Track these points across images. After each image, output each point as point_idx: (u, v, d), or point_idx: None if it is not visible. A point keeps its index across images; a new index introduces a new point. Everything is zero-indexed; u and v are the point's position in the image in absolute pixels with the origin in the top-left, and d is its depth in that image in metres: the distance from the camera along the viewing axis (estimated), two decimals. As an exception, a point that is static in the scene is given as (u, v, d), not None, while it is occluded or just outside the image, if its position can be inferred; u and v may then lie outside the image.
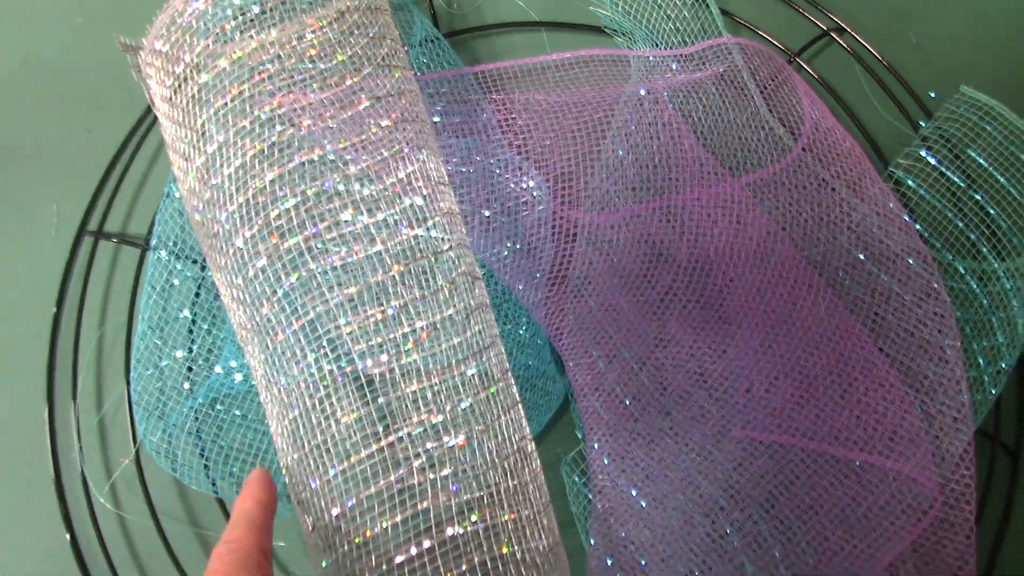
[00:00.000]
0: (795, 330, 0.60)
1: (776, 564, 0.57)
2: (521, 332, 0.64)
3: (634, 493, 0.60)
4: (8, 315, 0.67)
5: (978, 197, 0.64)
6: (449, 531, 0.44)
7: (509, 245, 0.62)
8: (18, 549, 0.63)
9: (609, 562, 0.59)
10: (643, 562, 0.59)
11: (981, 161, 0.64)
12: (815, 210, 0.63)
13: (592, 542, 0.60)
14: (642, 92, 0.66)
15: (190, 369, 0.63)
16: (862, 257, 0.62)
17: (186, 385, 0.63)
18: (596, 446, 0.61)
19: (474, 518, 0.45)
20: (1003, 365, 0.60)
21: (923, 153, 0.65)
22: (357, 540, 0.44)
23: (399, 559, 0.44)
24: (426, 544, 0.44)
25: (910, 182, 0.65)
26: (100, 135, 0.69)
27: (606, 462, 0.61)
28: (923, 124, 0.67)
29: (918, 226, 0.63)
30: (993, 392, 0.60)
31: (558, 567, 0.48)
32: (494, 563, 0.45)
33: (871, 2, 0.73)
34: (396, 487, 0.45)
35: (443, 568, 0.44)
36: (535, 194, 0.63)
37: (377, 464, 0.44)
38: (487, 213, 0.63)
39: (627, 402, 0.62)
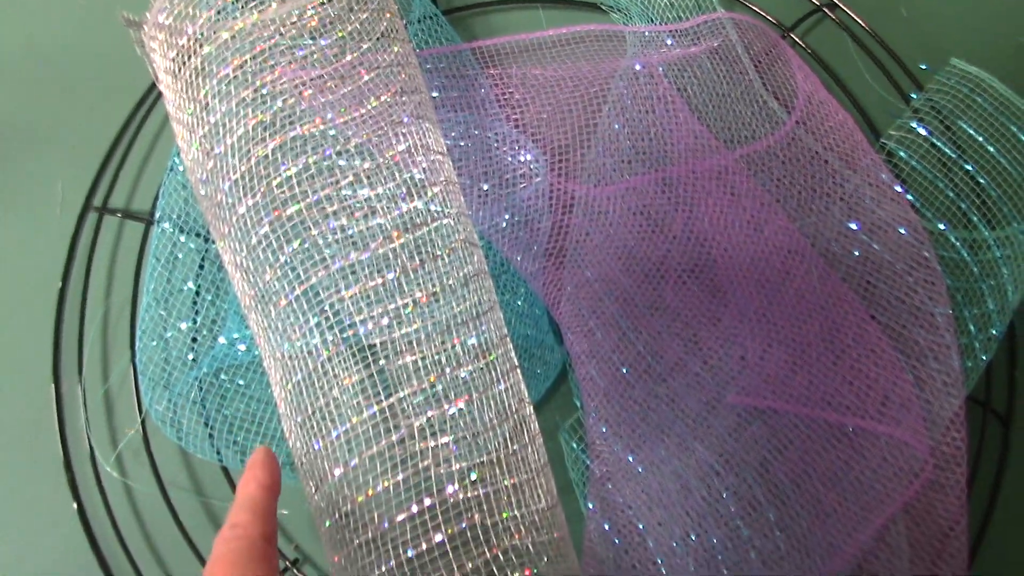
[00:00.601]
0: (788, 298, 0.61)
1: (771, 527, 0.58)
2: (519, 303, 0.65)
3: (631, 459, 0.61)
4: (15, 290, 0.68)
5: (969, 167, 0.65)
6: (450, 489, 0.45)
7: (507, 217, 0.63)
8: (25, 518, 0.64)
9: (606, 526, 0.60)
10: (640, 526, 0.60)
11: (971, 132, 0.65)
12: (808, 181, 0.64)
13: (590, 507, 0.61)
14: (637, 67, 0.66)
15: (194, 340, 0.64)
16: (854, 227, 0.63)
17: (190, 356, 0.64)
18: (594, 413, 0.62)
19: (474, 477, 0.46)
20: (993, 332, 0.61)
21: (914, 125, 0.66)
22: (360, 499, 0.45)
23: (400, 517, 0.45)
24: (427, 502, 0.45)
25: (902, 153, 0.66)
26: (104, 112, 0.70)
27: (603, 430, 0.61)
28: (914, 96, 0.68)
29: (910, 196, 0.64)
30: (984, 358, 0.61)
31: (557, 528, 0.49)
32: (495, 525, 0.46)
33: (863, -23, 0.74)
34: (398, 448, 0.46)
35: (444, 526, 0.45)
36: (532, 167, 0.64)
37: (379, 424, 0.45)
38: (485, 187, 0.63)
39: (624, 370, 0.62)
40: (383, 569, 0.44)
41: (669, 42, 0.68)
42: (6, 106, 0.72)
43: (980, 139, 0.65)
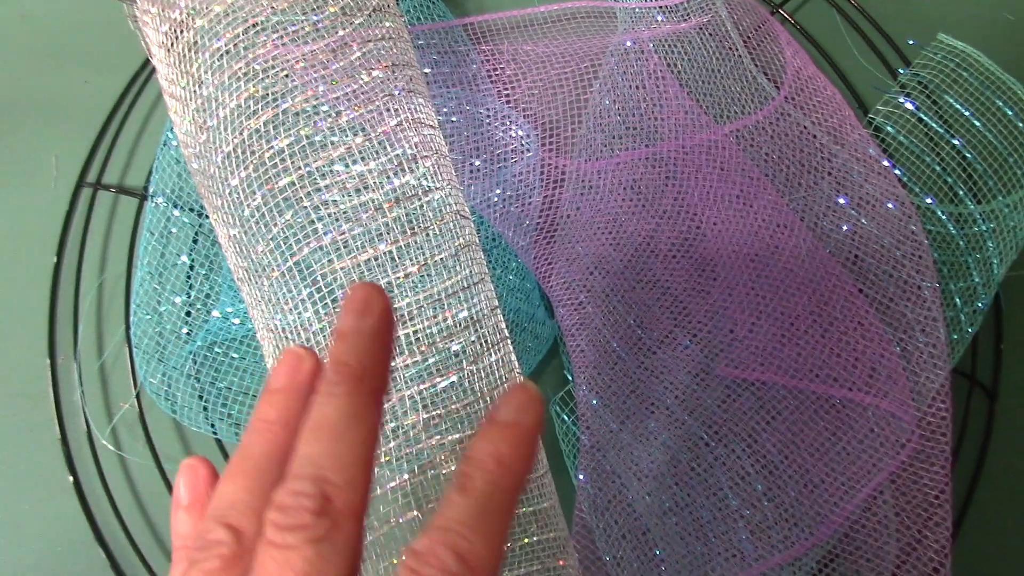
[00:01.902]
0: (777, 272, 0.62)
1: (759, 497, 0.59)
2: (510, 277, 0.66)
3: (620, 431, 0.62)
4: (9, 265, 0.68)
5: (955, 142, 0.65)
6: (439, 459, 0.46)
7: (498, 192, 0.64)
8: (21, 492, 0.65)
9: (596, 497, 0.61)
10: (630, 497, 0.60)
11: (958, 107, 0.65)
12: (797, 156, 0.65)
13: (580, 478, 0.61)
14: (628, 43, 0.67)
15: (188, 314, 0.65)
16: (843, 202, 0.63)
17: (184, 330, 0.64)
18: (584, 386, 0.62)
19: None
20: (979, 305, 0.62)
21: (901, 100, 0.66)
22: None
23: (391, 485, 0.45)
24: (417, 472, 0.46)
25: (889, 128, 0.66)
26: (98, 87, 0.71)
27: (594, 403, 0.62)
28: (902, 72, 0.68)
29: (897, 171, 0.64)
30: (969, 331, 0.62)
31: (547, 498, 0.50)
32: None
33: (853, -45, 0.74)
34: (389, 418, 0.46)
35: (435, 496, 0.45)
36: (523, 142, 0.64)
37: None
38: (476, 162, 0.64)
39: (614, 344, 0.63)
40: (372, 538, 0.45)
41: (659, 18, 0.68)
42: (0, 80, 0.72)
43: (967, 114, 0.65)
